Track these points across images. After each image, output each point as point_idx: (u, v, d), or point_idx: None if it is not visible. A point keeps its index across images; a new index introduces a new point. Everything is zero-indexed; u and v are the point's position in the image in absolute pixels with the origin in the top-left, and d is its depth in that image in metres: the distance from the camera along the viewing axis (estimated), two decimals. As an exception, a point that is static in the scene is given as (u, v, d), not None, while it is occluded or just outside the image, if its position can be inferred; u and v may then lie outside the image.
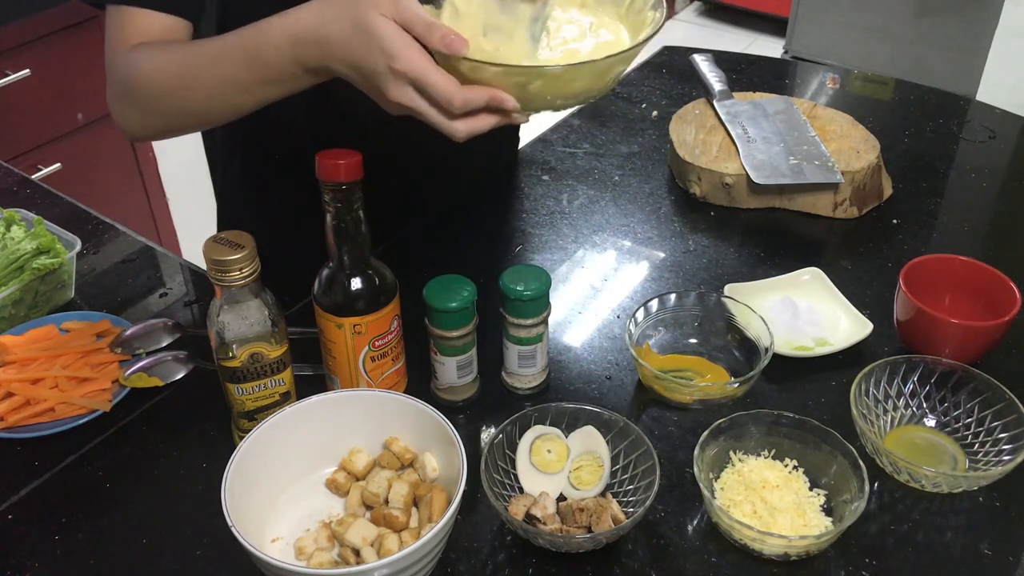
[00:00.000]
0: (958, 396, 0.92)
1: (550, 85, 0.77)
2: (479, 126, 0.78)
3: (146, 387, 0.96)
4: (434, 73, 0.75)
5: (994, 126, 1.47)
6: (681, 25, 4.42)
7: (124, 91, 0.93)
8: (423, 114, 0.77)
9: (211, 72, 0.87)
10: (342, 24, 0.77)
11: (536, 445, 0.87)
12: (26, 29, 2.03)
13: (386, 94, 0.77)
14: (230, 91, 0.87)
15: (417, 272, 0.94)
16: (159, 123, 0.95)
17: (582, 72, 0.78)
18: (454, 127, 0.77)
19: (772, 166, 1.25)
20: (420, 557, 0.73)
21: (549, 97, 0.79)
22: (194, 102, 0.90)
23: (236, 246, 0.79)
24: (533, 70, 0.76)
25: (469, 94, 0.75)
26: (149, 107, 0.92)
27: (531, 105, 0.79)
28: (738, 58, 1.68)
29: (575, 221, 1.26)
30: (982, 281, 1.02)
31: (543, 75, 0.76)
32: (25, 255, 1.08)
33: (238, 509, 0.74)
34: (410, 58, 0.74)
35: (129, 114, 0.94)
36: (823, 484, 0.86)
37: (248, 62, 0.84)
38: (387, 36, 0.74)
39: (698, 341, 1.04)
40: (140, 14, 0.93)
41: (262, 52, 0.83)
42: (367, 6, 0.75)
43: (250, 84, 0.85)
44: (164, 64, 0.89)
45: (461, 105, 0.75)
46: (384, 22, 0.75)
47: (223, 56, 0.86)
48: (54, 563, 0.82)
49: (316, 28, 0.79)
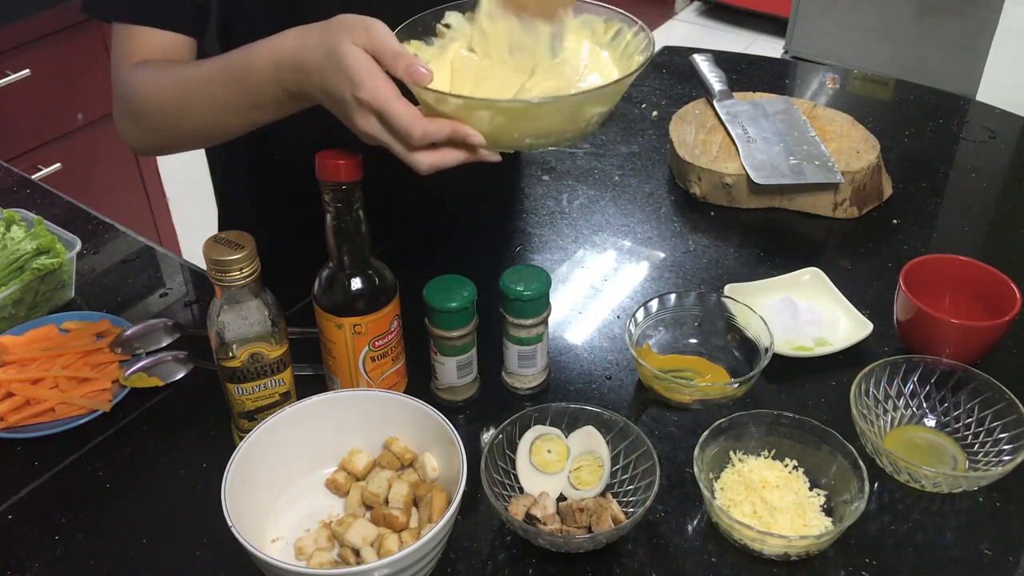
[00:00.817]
0: (958, 396, 0.92)
1: (516, 121, 0.76)
2: (444, 160, 0.77)
3: (146, 387, 0.96)
4: (396, 103, 0.74)
5: (994, 126, 1.47)
6: (681, 25, 4.42)
7: (125, 108, 0.94)
8: (387, 144, 0.77)
9: (203, 94, 0.88)
10: (318, 51, 0.77)
11: (536, 445, 0.87)
12: (26, 29, 2.03)
13: (353, 123, 0.78)
14: (220, 113, 0.88)
15: (417, 272, 0.94)
16: (158, 140, 0.97)
17: (547, 109, 0.76)
18: (416, 159, 0.77)
19: (772, 166, 1.25)
20: (420, 557, 0.73)
21: (516, 134, 0.78)
22: (188, 123, 0.91)
23: (236, 246, 0.79)
24: (495, 103, 0.74)
25: (430, 126, 0.75)
26: (148, 125, 0.94)
27: (499, 142, 0.78)
28: (738, 58, 1.68)
29: (575, 221, 1.26)
30: (982, 281, 1.02)
31: (504, 110, 0.75)
32: (25, 255, 1.08)
33: (238, 509, 0.74)
34: (374, 87, 0.74)
35: (131, 130, 0.96)
36: (823, 484, 0.86)
37: (235, 86, 0.85)
38: (354, 64, 0.74)
39: (698, 341, 1.04)
40: (144, 31, 0.94)
41: (248, 76, 0.84)
42: (341, 35, 0.76)
43: (238, 107, 0.86)
44: (161, 84, 0.91)
45: (420, 136, 0.75)
46: (354, 50, 0.75)
47: (213, 79, 0.87)
48: (54, 563, 0.82)
49: (296, 53, 0.80)
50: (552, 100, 0.76)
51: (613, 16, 0.87)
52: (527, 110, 0.76)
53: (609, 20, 0.88)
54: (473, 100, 0.74)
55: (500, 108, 0.75)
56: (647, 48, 0.82)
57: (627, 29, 0.86)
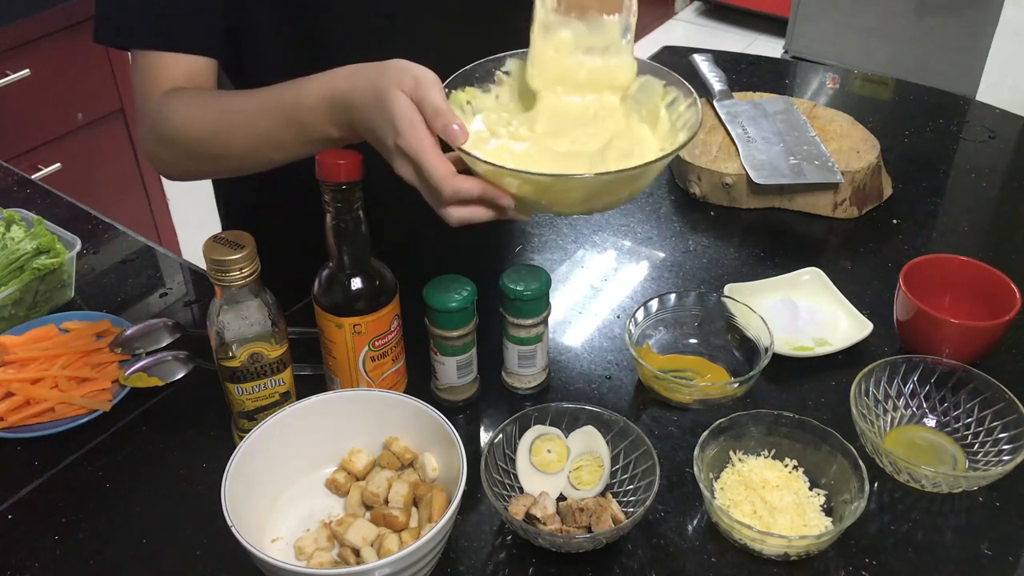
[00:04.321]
0: (958, 396, 0.92)
1: (544, 192, 0.76)
2: (473, 216, 0.78)
3: (146, 387, 0.96)
4: (431, 157, 0.75)
5: (994, 126, 1.47)
6: (681, 25, 4.42)
7: (158, 137, 0.94)
8: (422, 192, 0.79)
9: (247, 128, 0.88)
10: (367, 93, 0.78)
11: (536, 445, 0.87)
12: (26, 29, 2.03)
13: (393, 166, 0.79)
14: (265, 147, 0.89)
15: (417, 272, 0.94)
16: (193, 169, 0.98)
17: (574, 184, 0.75)
18: (447, 212, 0.78)
19: (772, 166, 1.25)
20: (420, 557, 0.73)
21: (546, 203, 0.78)
22: (229, 155, 0.91)
23: (236, 246, 0.79)
24: (521, 174, 0.74)
25: (461, 184, 0.75)
26: (183, 153, 0.94)
27: (528, 206, 0.78)
28: (738, 58, 1.68)
29: (575, 221, 1.26)
30: (982, 281, 1.02)
31: (532, 181, 0.75)
32: (25, 255, 1.08)
33: (238, 509, 0.74)
34: (413, 138, 0.75)
35: (163, 157, 0.96)
36: (823, 484, 0.86)
37: (284, 121, 0.85)
38: (398, 112, 0.75)
39: (698, 341, 1.04)
40: (167, 57, 0.94)
41: (298, 111, 0.84)
42: (391, 81, 0.77)
43: (285, 142, 0.87)
44: (200, 116, 0.91)
45: (451, 194, 0.76)
46: (400, 98, 0.76)
47: (260, 113, 0.87)
48: (54, 563, 0.82)
49: (348, 93, 0.80)
50: (580, 177, 0.75)
51: (672, 82, 0.85)
52: (555, 183, 0.75)
53: (668, 86, 0.85)
54: (501, 168, 0.74)
55: (527, 179, 0.74)
56: (694, 125, 0.80)
57: (683, 99, 0.84)
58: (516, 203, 0.77)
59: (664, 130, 0.85)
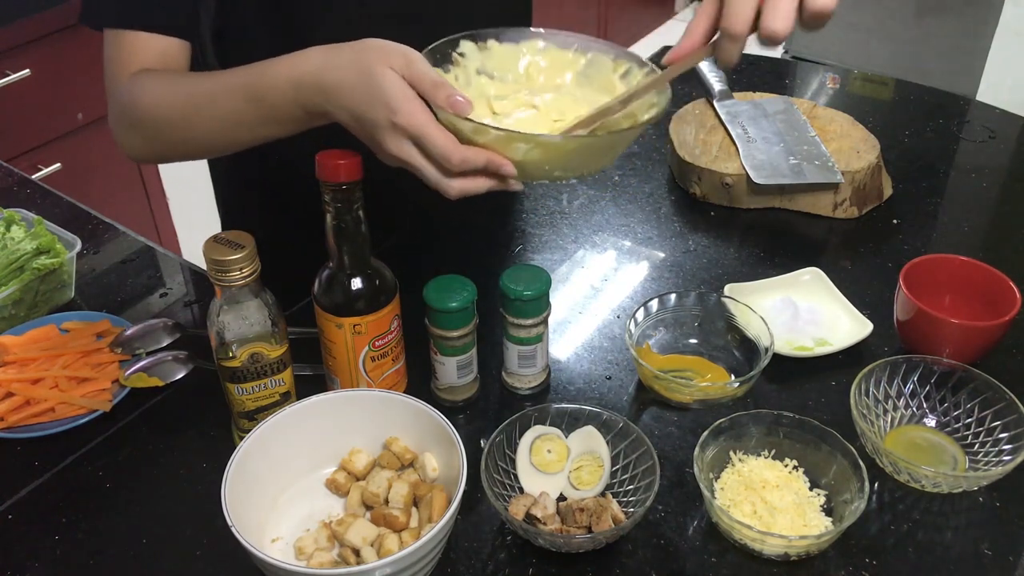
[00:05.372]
0: (958, 396, 0.92)
1: (550, 155, 0.78)
2: (474, 187, 0.78)
3: (146, 387, 0.96)
4: (434, 129, 0.75)
5: (994, 126, 1.47)
6: (681, 25, 4.42)
7: (126, 118, 0.94)
8: (419, 169, 0.78)
9: (214, 108, 0.88)
10: (347, 72, 0.78)
11: (536, 445, 0.87)
12: (26, 29, 2.03)
13: (384, 146, 0.78)
14: (232, 127, 0.88)
15: (417, 272, 0.94)
16: (161, 150, 0.97)
17: (583, 144, 0.78)
18: (448, 184, 0.78)
19: (772, 166, 1.25)
20: (420, 557, 0.73)
21: (547, 167, 0.79)
22: (196, 135, 0.91)
23: (236, 246, 0.79)
24: (533, 137, 0.76)
25: (468, 153, 0.76)
26: (151, 136, 0.94)
27: (529, 173, 0.79)
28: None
29: (575, 221, 1.26)
30: (982, 281, 1.02)
31: (542, 144, 0.76)
32: (25, 255, 1.08)
33: (238, 509, 0.74)
34: (412, 112, 0.75)
35: (131, 139, 0.96)
36: (823, 484, 0.86)
37: (251, 101, 0.85)
38: (392, 90, 0.75)
39: (698, 341, 1.04)
40: (139, 37, 0.93)
41: (265, 92, 0.84)
42: (377, 59, 0.76)
43: (252, 122, 0.87)
44: (168, 97, 0.90)
45: (459, 163, 0.76)
46: (392, 75, 0.76)
47: (227, 93, 0.87)
48: (54, 563, 0.82)
49: (320, 73, 0.80)
50: (589, 137, 0.78)
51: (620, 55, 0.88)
52: (564, 144, 0.77)
53: (617, 59, 0.89)
54: (513, 133, 0.75)
55: (538, 142, 0.76)
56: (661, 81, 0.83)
57: (637, 69, 0.87)
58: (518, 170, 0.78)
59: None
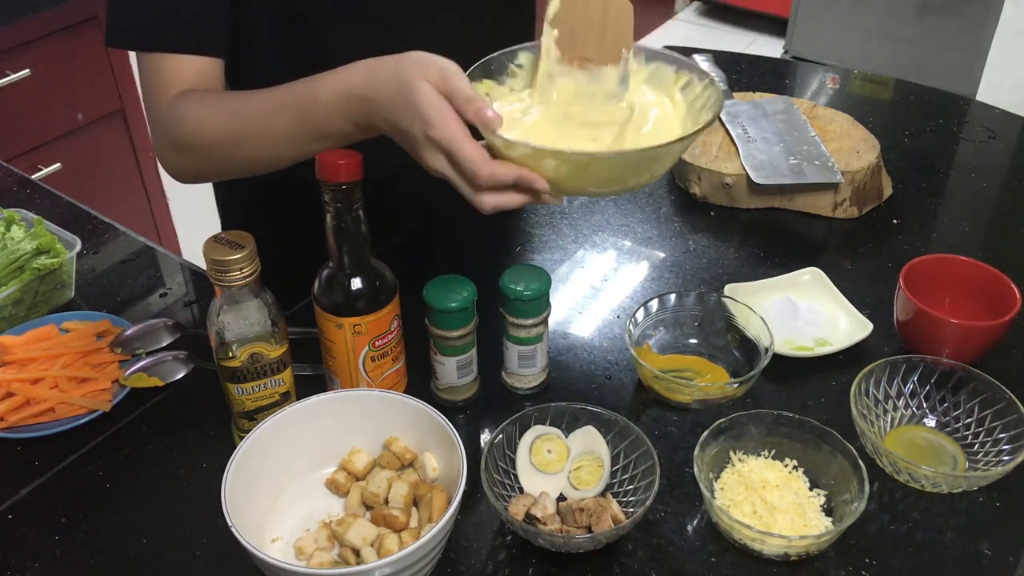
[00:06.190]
0: (958, 396, 0.92)
1: (581, 171, 0.77)
2: (506, 202, 0.78)
3: (146, 387, 0.96)
4: (466, 144, 0.76)
5: (994, 126, 1.47)
6: (681, 25, 4.42)
7: (171, 141, 0.94)
8: (453, 182, 0.79)
9: (263, 126, 0.88)
10: (389, 86, 0.78)
11: (536, 445, 0.87)
12: (26, 29, 2.03)
13: (421, 159, 0.79)
14: (282, 145, 0.88)
15: (417, 272, 0.94)
16: (209, 170, 0.98)
17: (612, 162, 0.78)
18: (481, 199, 0.78)
19: (772, 166, 1.25)
20: (420, 557, 0.73)
21: (580, 183, 0.79)
22: (246, 155, 0.91)
23: (236, 246, 0.79)
24: (561, 153, 0.75)
25: (497, 169, 0.76)
26: (201, 157, 0.94)
27: (563, 188, 0.79)
28: (738, 58, 1.68)
29: (575, 221, 1.26)
30: (982, 281, 1.02)
31: (570, 160, 0.76)
32: (25, 255, 1.08)
33: (238, 509, 0.74)
34: (445, 125, 0.75)
35: (177, 162, 0.96)
36: (823, 484, 0.86)
37: (301, 118, 0.85)
38: (427, 104, 0.76)
39: (698, 341, 1.04)
40: (175, 59, 0.94)
41: (316, 109, 0.84)
42: (415, 73, 0.77)
43: (302, 138, 0.87)
44: (214, 117, 0.91)
45: (487, 179, 0.76)
46: (426, 88, 0.76)
47: (275, 111, 0.87)
48: (54, 563, 0.82)
49: (366, 87, 0.80)
50: (616, 154, 0.77)
51: (683, 67, 0.88)
52: (592, 161, 0.77)
53: (679, 71, 0.88)
54: (542, 150, 0.75)
55: (566, 158, 0.75)
56: (716, 103, 0.82)
57: (697, 81, 0.87)
58: (551, 186, 0.78)
59: (682, 112, 0.87)
